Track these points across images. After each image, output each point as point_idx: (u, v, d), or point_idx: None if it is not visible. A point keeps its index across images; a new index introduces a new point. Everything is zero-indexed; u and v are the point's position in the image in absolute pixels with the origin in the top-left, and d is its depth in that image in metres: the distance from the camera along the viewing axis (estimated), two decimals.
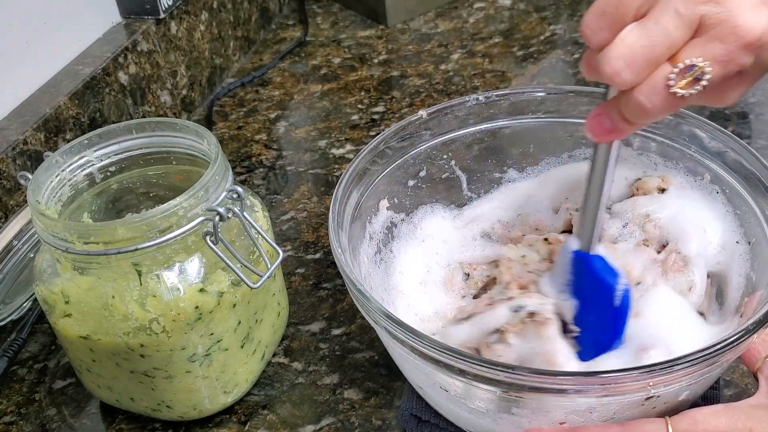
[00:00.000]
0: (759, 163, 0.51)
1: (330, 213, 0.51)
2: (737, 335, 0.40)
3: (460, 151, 0.61)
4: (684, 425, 0.39)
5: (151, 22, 0.82)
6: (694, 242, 0.53)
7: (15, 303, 0.61)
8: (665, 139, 0.57)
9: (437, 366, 0.42)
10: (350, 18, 1.09)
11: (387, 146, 0.57)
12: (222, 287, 0.50)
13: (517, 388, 0.41)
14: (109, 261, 0.47)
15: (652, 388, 0.39)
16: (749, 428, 0.39)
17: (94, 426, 0.57)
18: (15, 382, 0.60)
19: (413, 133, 0.59)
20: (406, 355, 0.44)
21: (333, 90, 0.93)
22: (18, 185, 0.64)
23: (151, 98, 0.82)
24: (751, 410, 0.40)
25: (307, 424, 0.55)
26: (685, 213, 0.54)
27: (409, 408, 0.52)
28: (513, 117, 0.60)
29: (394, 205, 0.59)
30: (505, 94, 0.60)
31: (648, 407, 0.42)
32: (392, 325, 0.43)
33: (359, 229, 0.55)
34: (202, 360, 0.51)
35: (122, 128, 0.55)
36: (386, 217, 0.59)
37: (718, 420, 0.39)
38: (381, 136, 0.57)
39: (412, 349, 0.43)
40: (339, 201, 0.52)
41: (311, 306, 0.64)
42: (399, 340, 0.44)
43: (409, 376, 0.51)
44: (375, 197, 0.57)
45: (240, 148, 0.84)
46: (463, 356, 0.41)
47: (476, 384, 0.42)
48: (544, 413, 0.43)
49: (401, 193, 0.60)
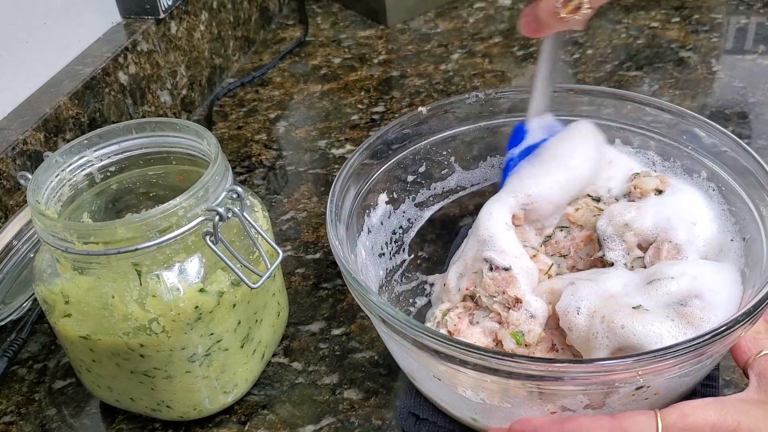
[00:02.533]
0: (754, 161, 0.51)
1: (327, 205, 0.52)
2: (725, 326, 0.40)
3: (460, 148, 0.62)
4: (673, 417, 0.39)
5: (151, 22, 0.82)
6: (682, 232, 0.53)
7: (15, 303, 0.61)
8: (663, 137, 0.58)
9: (429, 353, 0.43)
10: (350, 18, 1.09)
11: (386, 141, 0.57)
12: (222, 287, 0.50)
13: (506, 375, 0.41)
14: (109, 261, 0.47)
15: (641, 378, 0.39)
16: (738, 421, 0.39)
17: (94, 426, 0.57)
18: (15, 382, 0.60)
19: (413, 130, 0.59)
20: (400, 344, 0.45)
21: (333, 90, 0.93)
22: (18, 185, 0.64)
23: (151, 98, 0.82)
24: (740, 404, 0.40)
25: (307, 424, 0.55)
26: (675, 209, 0.54)
27: (408, 406, 0.52)
28: (513, 115, 0.60)
29: (393, 200, 0.60)
30: (504, 91, 0.60)
31: (639, 398, 0.42)
32: (384, 313, 0.44)
33: (357, 221, 0.56)
34: (202, 360, 0.51)
35: (122, 128, 0.55)
36: (385, 211, 0.59)
37: (707, 412, 0.39)
38: (380, 132, 0.58)
39: (404, 337, 0.44)
40: (337, 193, 0.53)
41: (311, 306, 0.64)
42: (393, 329, 0.44)
43: (403, 365, 0.51)
44: (374, 191, 0.58)
45: (240, 148, 0.84)
46: (454, 343, 0.41)
47: (467, 371, 0.42)
48: (537, 403, 0.43)
49: (399, 188, 0.60)
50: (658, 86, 0.86)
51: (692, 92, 0.85)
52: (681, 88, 0.86)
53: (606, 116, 0.60)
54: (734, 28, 0.97)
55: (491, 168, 0.63)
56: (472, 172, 0.63)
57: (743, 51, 0.92)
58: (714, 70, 0.88)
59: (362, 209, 0.56)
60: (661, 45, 0.95)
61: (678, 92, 0.85)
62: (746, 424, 0.39)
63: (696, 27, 0.97)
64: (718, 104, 0.82)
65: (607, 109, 0.59)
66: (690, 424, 0.39)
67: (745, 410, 0.40)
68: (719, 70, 0.89)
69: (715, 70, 0.89)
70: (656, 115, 0.58)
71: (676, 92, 0.85)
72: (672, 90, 0.85)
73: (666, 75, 0.88)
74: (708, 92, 0.85)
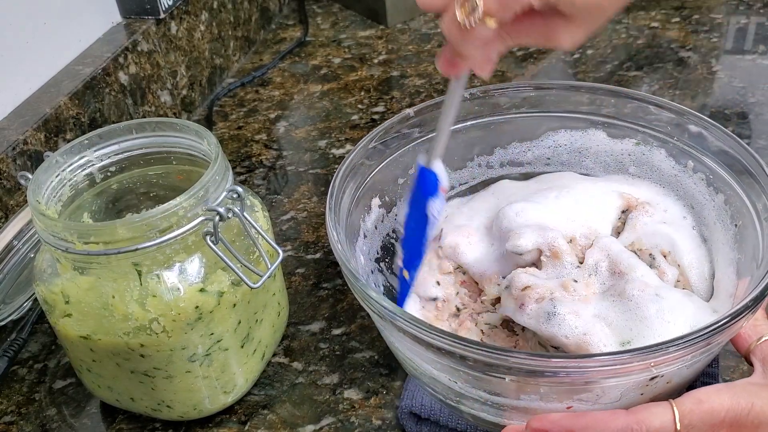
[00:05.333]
0: (743, 149, 0.52)
1: (327, 206, 0.52)
2: (729, 317, 0.41)
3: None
4: (689, 405, 0.40)
5: (151, 22, 0.82)
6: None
7: (15, 303, 0.61)
8: (647, 129, 0.58)
9: (434, 352, 0.43)
10: (350, 18, 1.09)
11: (378, 143, 0.57)
12: (222, 287, 0.50)
13: (516, 372, 0.41)
14: (109, 261, 0.47)
15: (655, 368, 0.40)
16: (751, 403, 0.40)
17: (94, 426, 0.57)
18: (15, 382, 0.60)
19: (401, 131, 0.59)
20: (399, 339, 0.45)
21: (333, 90, 0.93)
22: (18, 185, 0.64)
23: (151, 98, 0.82)
24: (751, 387, 0.42)
25: (307, 424, 0.55)
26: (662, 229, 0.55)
27: (408, 406, 0.52)
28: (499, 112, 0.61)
29: (386, 203, 0.59)
30: (498, 89, 0.60)
31: (652, 387, 0.43)
32: (384, 309, 0.44)
33: (355, 224, 0.56)
34: (202, 360, 0.51)
35: (122, 128, 0.55)
36: (378, 215, 0.59)
37: (722, 397, 0.40)
38: (372, 134, 0.57)
39: (401, 331, 0.43)
40: (335, 196, 0.52)
41: (311, 306, 0.64)
42: (393, 324, 0.44)
43: (402, 359, 0.51)
44: (368, 195, 0.57)
45: (240, 148, 0.84)
46: (461, 341, 0.41)
47: (473, 372, 0.42)
48: (553, 398, 0.43)
49: (391, 191, 0.60)
50: (658, 86, 0.86)
51: (692, 92, 0.85)
52: (681, 88, 0.86)
53: (606, 114, 0.60)
54: (734, 28, 0.97)
55: (478, 167, 0.63)
56: (460, 173, 0.63)
57: (743, 51, 0.92)
58: (714, 70, 0.89)
59: (358, 213, 0.56)
60: (661, 45, 0.95)
61: (678, 92, 0.85)
62: (759, 405, 0.40)
63: (696, 27, 0.97)
64: (717, 104, 0.82)
65: (607, 108, 0.60)
66: (706, 410, 0.40)
67: (756, 393, 0.41)
68: (719, 70, 0.89)
69: (715, 70, 0.89)
70: (657, 114, 0.58)
71: (676, 92, 0.85)
72: (672, 90, 0.85)
73: (666, 75, 0.88)
74: (708, 92, 0.85)
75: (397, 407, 0.54)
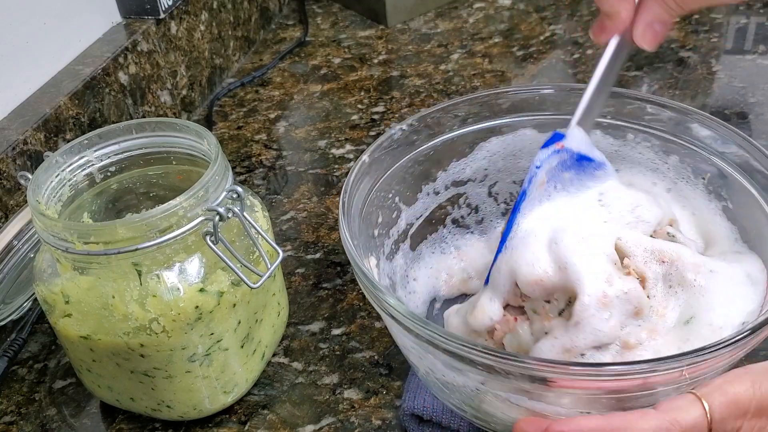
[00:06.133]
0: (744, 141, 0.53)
1: (340, 207, 0.50)
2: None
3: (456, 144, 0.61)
4: (716, 396, 0.40)
5: (151, 22, 0.82)
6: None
7: (15, 303, 0.61)
8: (664, 133, 0.58)
9: (457, 360, 0.41)
10: (350, 18, 1.09)
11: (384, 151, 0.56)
12: (222, 287, 0.50)
13: (530, 380, 0.40)
14: (109, 261, 0.47)
15: (688, 375, 0.39)
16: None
17: (94, 426, 0.57)
18: (15, 382, 0.60)
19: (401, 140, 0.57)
20: (410, 341, 0.44)
21: (333, 90, 0.93)
22: (18, 185, 0.64)
23: (151, 98, 0.82)
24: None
25: (307, 424, 0.55)
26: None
27: (410, 408, 0.52)
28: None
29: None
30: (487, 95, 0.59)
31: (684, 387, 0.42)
32: (392, 308, 0.43)
33: (367, 231, 0.54)
34: (202, 360, 0.51)
35: (122, 128, 0.55)
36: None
37: (745, 385, 0.40)
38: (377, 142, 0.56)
39: (414, 335, 0.42)
40: (347, 200, 0.51)
41: (311, 306, 0.64)
42: (402, 325, 0.43)
43: (413, 361, 0.50)
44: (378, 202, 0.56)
45: (240, 148, 0.84)
46: (478, 348, 0.40)
47: (492, 377, 0.41)
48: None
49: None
50: (658, 86, 0.86)
51: (692, 92, 0.85)
52: (681, 88, 0.86)
53: (606, 114, 0.60)
54: (734, 28, 0.97)
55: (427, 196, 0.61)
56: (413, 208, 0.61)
57: (743, 51, 0.92)
58: (714, 70, 0.89)
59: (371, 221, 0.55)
60: (661, 45, 0.94)
61: (678, 92, 0.85)
62: None
63: (696, 27, 0.97)
64: (717, 104, 0.82)
65: (608, 108, 0.60)
66: (732, 400, 0.40)
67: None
68: (719, 70, 0.89)
69: (715, 70, 0.89)
70: (656, 113, 0.58)
71: (676, 92, 0.85)
72: (672, 90, 0.85)
73: (666, 75, 0.88)
74: (708, 92, 0.85)
75: (398, 408, 0.54)
